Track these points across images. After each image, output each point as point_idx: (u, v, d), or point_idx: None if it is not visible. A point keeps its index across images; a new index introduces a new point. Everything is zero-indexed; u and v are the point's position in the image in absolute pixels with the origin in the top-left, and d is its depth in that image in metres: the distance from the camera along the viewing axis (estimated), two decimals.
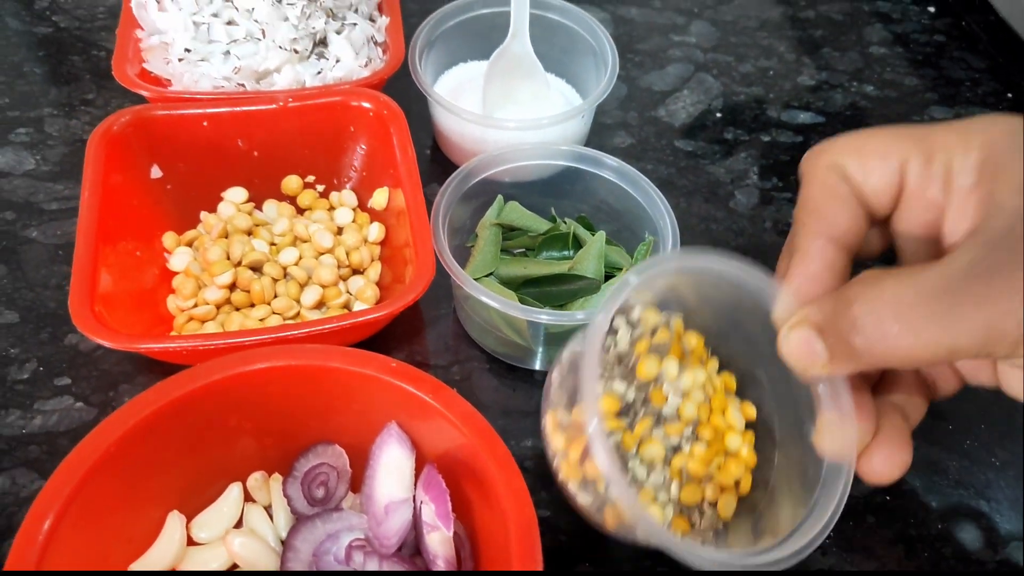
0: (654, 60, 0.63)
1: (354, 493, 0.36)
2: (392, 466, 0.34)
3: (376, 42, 0.55)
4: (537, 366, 0.44)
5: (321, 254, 0.46)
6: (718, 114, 0.59)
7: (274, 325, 0.42)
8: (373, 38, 0.54)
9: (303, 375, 0.34)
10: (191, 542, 0.34)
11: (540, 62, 0.53)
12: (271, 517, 0.35)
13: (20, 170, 0.51)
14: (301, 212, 0.49)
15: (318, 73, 0.52)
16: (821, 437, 0.32)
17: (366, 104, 0.47)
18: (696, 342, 0.37)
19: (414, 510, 0.33)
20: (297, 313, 0.44)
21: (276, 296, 0.44)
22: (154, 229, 0.46)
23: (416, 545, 0.33)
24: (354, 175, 0.49)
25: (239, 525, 0.35)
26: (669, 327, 0.36)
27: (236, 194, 0.48)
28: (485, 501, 0.32)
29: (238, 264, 0.44)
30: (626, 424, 0.33)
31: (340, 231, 0.48)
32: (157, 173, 0.46)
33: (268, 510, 0.36)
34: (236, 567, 0.34)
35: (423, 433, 0.34)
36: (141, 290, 0.43)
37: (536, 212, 0.47)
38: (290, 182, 0.49)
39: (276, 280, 0.44)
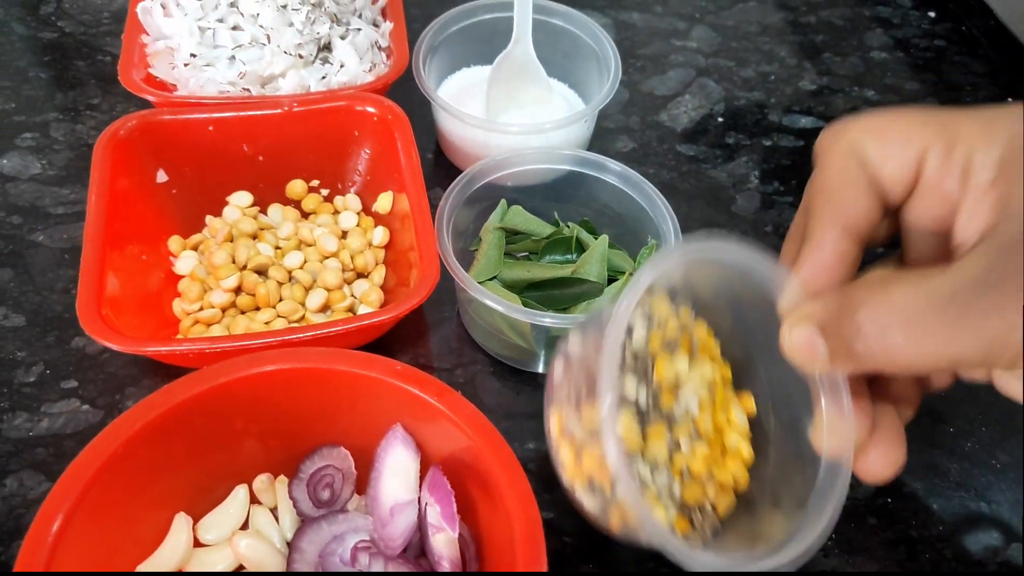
0: (656, 65, 0.63)
1: (359, 495, 0.36)
2: (397, 468, 0.34)
3: (380, 47, 0.55)
4: (540, 369, 0.45)
5: (326, 258, 0.46)
6: (720, 119, 0.60)
7: (279, 328, 0.42)
8: (377, 43, 0.55)
9: (308, 378, 0.34)
10: (198, 544, 0.34)
11: (543, 67, 0.53)
12: (277, 519, 0.35)
13: (26, 174, 0.52)
14: (306, 216, 0.50)
15: (323, 78, 0.52)
16: (819, 435, 0.31)
17: (370, 109, 0.47)
18: (704, 334, 0.36)
19: (419, 512, 0.33)
20: (302, 316, 0.44)
21: (281, 299, 0.44)
22: (160, 233, 0.46)
23: (421, 546, 0.34)
24: (358, 179, 0.50)
25: (245, 527, 0.35)
26: (678, 316, 0.35)
27: (241, 198, 0.48)
28: (490, 503, 0.32)
29: (243, 268, 0.45)
30: (637, 427, 0.33)
31: (344, 235, 0.48)
32: (163, 177, 0.46)
33: (274, 512, 0.36)
34: (242, 568, 0.34)
35: (428, 435, 0.35)
36: (147, 294, 0.43)
37: (539, 216, 0.48)
38: (295, 186, 0.49)
39: (281, 284, 0.45)
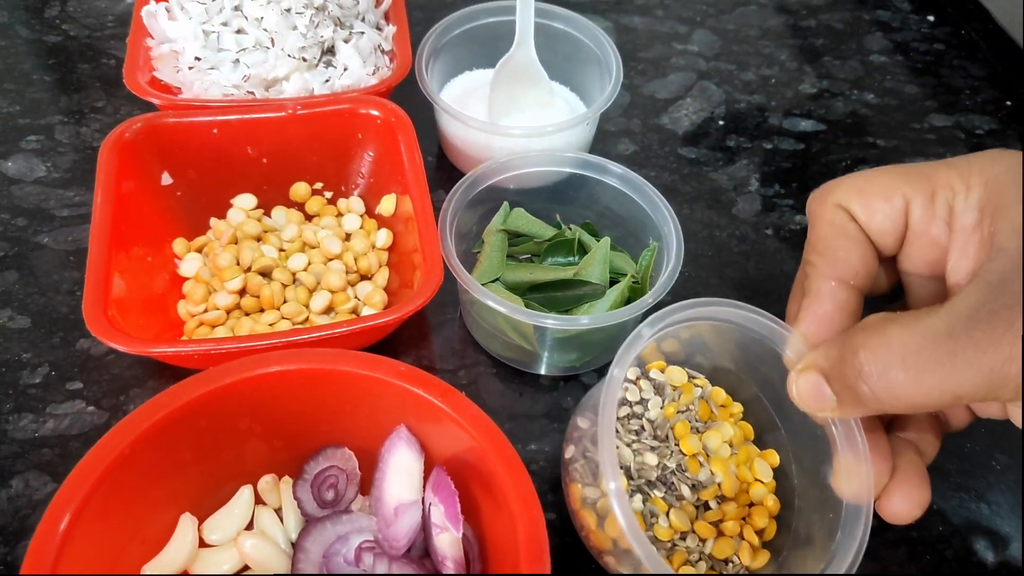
0: (657, 68, 0.64)
1: (363, 495, 0.37)
2: (401, 468, 0.34)
3: (383, 50, 0.55)
4: (543, 371, 0.45)
5: (329, 260, 0.47)
6: (720, 122, 0.60)
7: (284, 330, 0.43)
8: (380, 47, 0.55)
9: (313, 379, 0.34)
10: (203, 544, 0.34)
11: (545, 70, 0.53)
12: (281, 519, 0.36)
13: (31, 177, 0.52)
14: (309, 218, 0.50)
15: (326, 81, 0.52)
16: (838, 479, 0.32)
17: (374, 112, 0.48)
18: (723, 398, 0.37)
19: (423, 512, 0.33)
20: (306, 318, 0.44)
21: (285, 301, 0.44)
22: (164, 235, 0.46)
23: (425, 547, 0.34)
24: (362, 182, 0.50)
25: (250, 527, 0.35)
26: (693, 385, 0.37)
27: (245, 201, 0.49)
28: (493, 503, 0.32)
29: (248, 270, 0.45)
30: (661, 496, 0.34)
31: (348, 237, 0.48)
32: (167, 180, 0.47)
33: (279, 512, 0.36)
34: (247, 569, 0.34)
35: (432, 436, 0.35)
36: (152, 295, 0.44)
37: (541, 218, 0.48)
38: (299, 189, 0.50)
39: (285, 285, 0.45)
